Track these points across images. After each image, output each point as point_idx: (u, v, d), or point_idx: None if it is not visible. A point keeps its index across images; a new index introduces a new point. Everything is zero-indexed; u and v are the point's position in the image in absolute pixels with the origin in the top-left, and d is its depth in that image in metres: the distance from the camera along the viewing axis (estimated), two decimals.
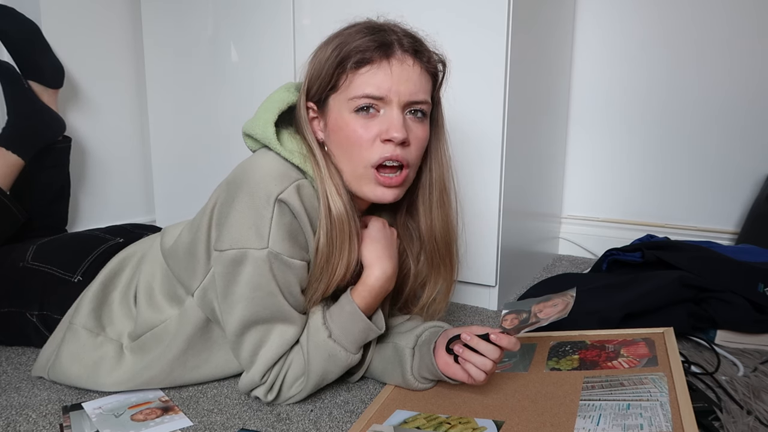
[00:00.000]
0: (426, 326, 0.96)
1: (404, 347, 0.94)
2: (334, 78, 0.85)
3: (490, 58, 1.25)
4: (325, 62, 0.86)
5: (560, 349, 0.98)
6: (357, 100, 0.84)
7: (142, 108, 1.86)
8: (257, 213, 0.83)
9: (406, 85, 0.84)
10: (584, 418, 0.75)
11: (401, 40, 0.85)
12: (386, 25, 0.87)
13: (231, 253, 0.84)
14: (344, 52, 0.84)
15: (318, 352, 0.88)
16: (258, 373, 0.88)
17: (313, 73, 0.88)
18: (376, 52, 0.83)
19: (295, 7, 1.47)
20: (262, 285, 0.84)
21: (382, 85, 0.83)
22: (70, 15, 1.68)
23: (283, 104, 0.91)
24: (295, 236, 0.86)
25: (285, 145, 0.87)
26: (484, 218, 1.32)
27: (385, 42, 0.84)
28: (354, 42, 0.84)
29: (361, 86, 0.84)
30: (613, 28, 1.74)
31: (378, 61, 0.84)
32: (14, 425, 0.87)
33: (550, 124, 1.65)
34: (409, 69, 0.85)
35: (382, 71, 0.83)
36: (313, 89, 0.88)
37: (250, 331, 0.88)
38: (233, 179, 0.87)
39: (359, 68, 0.84)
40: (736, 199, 1.68)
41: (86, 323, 0.98)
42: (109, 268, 1.04)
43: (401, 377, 0.93)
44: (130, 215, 1.85)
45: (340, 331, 0.88)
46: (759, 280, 1.15)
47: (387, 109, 0.84)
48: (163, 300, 0.98)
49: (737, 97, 1.64)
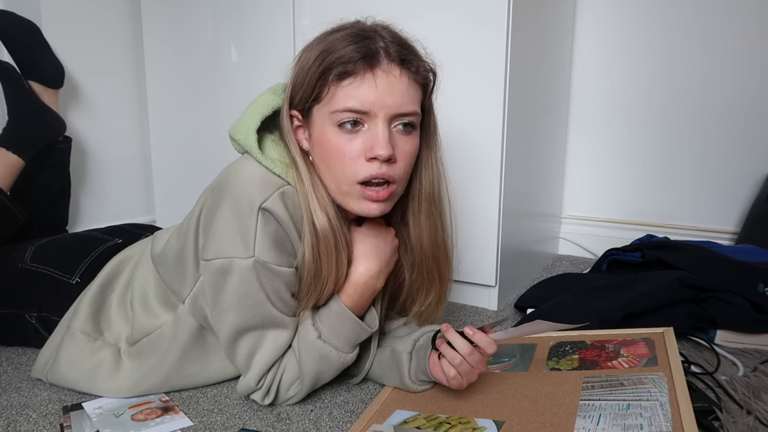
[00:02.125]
0: (424, 330, 0.95)
1: (402, 351, 0.93)
2: (317, 89, 0.80)
3: (490, 58, 1.25)
4: (308, 71, 0.81)
5: (560, 349, 0.98)
6: (339, 114, 0.79)
7: (142, 108, 1.86)
8: (241, 222, 0.81)
9: (393, 98, 0.78)
10: (584, 418, 0.75)
11: (388, 49, 0.79)
12: (374, 29, 0.81)
13: (217, 262, 0.83)
14: (326, 63, 0.79)
15: (309, 354, 0.87)
16: (253, 378, 0.88)
17: (297, 81, 0.83)
18: (360, 63, 0.78)
19: (295, 7, 1.47)
20: (250, 294, 0.83)
21: (365, 98, 0.78)
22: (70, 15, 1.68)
23: (268, 109, 0.87)
24: (281, 244, 0.84)
25: (267, 153, 0.85)
26: (484, 218, 1.32)
27: (370, 51, 0.78)
28: (337, 51, 0.78)
29: (343, 99, 0.78)
30: (613, 28, 1.74)
31: (362, 73, 0.78)
32: (14, 425, 0.87)
33: (550, 124, 1.65)
34: (395, 80, 0.79)
35: (366, 83, 0.78)
36: (296, 98, 0.84)
37: (243, 338, 0.87)
38: (217, 185, 0.86)
39: (342, 80, 0.78)
40: (736, 199, 1.68)
41: (84, 327, 0.98)
42: (106, 271, 1.03)
43: (399, 381, 0.93)
44: (130, 215, 1.85)
45: (329, 330, 0.87)
46: (759, 280, 1.15)
47: (372, 123, 0.79)
48: (158, 305, 0.97)
49: (737, 97, 1.63)
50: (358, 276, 0.88)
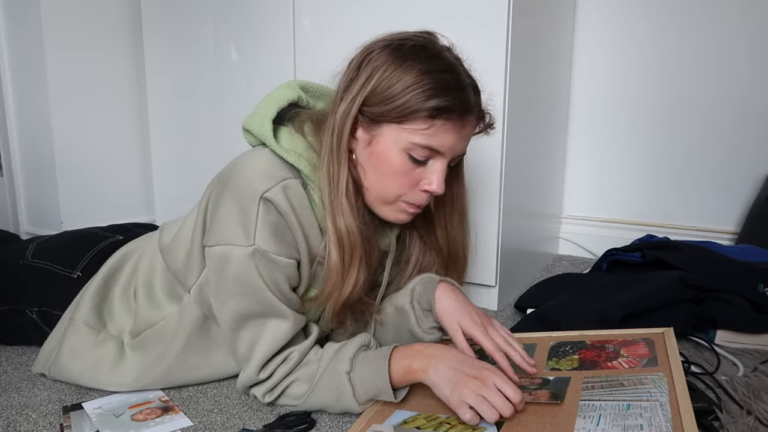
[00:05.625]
0: (414, 281, 0.97)
1: (403, 304, 0.95)
2: (409, 114, 0.80)
3: (490, 58, 1.25)
4: (402, 92, 0.79)
5: (560, 349, 0.98)
6: (418, 147, 0.81)
7: (142, 108, 1.86)
8: (243, 210, 0.83)
9: (463, 144, 0.85)
10: (584, 419, 0.75)
11: (477, 103, 0.84)
12: (463, 73, 0.84)
13: (218, 249, 0.85)
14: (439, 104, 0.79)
15: (329, 382, 0.85)
16: (254, 368, 0.88)
17: (379, 92, 0.81)
18: (456, 112, 0.81)
19: (295, 7, 1.47)
20: (249, 281, 0.84)
21: (446, 144, 0.82)
22: (70, 15, 1.68)
23: (284, 101, 0.90)
24: (281, 234, 0.85)
25: (281, 143, 0.87)
26: (484, 218, 1.32)
27: (468, 106, 0.82)
28: (442, 94, 0.79)
29: (428, 138, 0.81)
30: (614, 29, 1.74)
31: (454, 120, 0.81)
32: (14, 425, 0.87)
33: (550, 124, 1.65)
34: (471, 131, 0.85)
35: (454, 131, 0.82)
36: (374, 108, 0.82)
37: (244, 327, 0.88)
38: (223, 175, 0.88)
39: (437, 118, 0.80)
40: (736, 199, 1.68)
41: (87, 319, 0.99)
42: (110, 264, 1.04)
43: (411, 336, 0.95)
44: (130, 215, 1.85)
45: (361, 373, 0.84)
46: (759, 280, 1.15)
47: (437, 160, 0.84)
48: (163, 297, 0.98)
49: (737, 97, 1.63)
50: (423, 374, 0.82)
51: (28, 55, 1.72)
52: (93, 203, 1.78)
